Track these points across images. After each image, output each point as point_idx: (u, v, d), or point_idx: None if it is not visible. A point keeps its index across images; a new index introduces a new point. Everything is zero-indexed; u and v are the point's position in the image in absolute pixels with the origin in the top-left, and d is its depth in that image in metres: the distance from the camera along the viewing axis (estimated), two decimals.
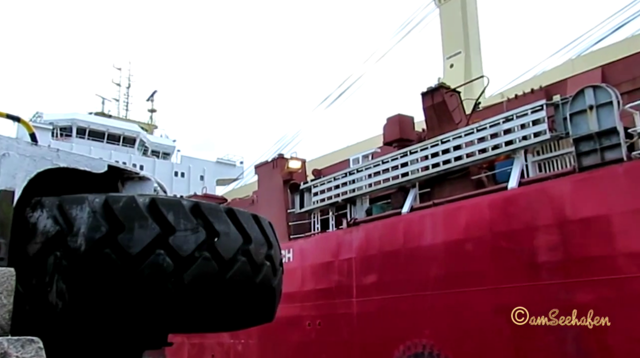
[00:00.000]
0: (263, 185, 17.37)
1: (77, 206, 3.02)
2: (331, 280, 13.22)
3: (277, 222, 15.72)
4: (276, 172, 16.52)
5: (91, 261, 2.88)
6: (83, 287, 2.89)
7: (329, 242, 13.88)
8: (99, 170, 3.66)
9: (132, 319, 3.01)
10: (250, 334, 14.94)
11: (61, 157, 3.44)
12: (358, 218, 13.41)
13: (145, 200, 3.05)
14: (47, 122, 31.83)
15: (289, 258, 14.50)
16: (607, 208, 8.47)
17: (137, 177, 4.05)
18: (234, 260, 3.24)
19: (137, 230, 2.93)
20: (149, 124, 40.88)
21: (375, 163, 13.34)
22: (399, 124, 13.92)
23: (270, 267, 3.62)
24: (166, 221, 3.01)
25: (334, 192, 14.26)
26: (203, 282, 3.06)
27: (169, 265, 2.94)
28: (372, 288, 12.11)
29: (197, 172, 36.93)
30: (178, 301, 3.01)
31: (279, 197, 16.17)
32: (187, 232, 3.05)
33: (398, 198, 12.74)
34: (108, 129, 34.81)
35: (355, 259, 12.72)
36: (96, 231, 2.91)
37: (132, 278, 2.91)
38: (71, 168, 3.49)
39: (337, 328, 12.76)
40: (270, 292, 3.66)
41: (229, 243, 3.22)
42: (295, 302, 13.75)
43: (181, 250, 2.99)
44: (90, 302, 2.91)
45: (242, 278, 3.28)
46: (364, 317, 12.17)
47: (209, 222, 3.17)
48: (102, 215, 2.95)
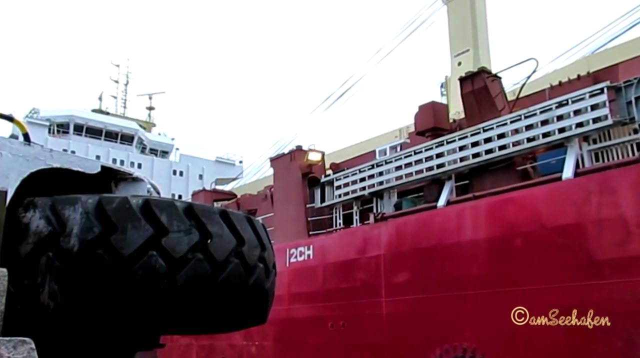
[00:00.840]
0: (279, 179, 16.35)
1: (70, 207, 3.02)
2: (356, 279, 12.39)
3: (296, 217, 14.98)
4: (294, 164, 15.52)
5: (84, 262, 2.88)
6: (75, 288, 2.89)
7: (354, 238, 13.05)
8: (93, 170, 3.68)
9: (124, 320, 3.02)
10: (265, 335, 14.27)
11: (54, 157, 3.46)
12: (386, 213, 12.51)
13: (138, 201, 3.05)
14: (44, 118, 30.92)
15: (308, 256, 13.77)
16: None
17: (130, 177, 4.03)
18: (227, 262, 3.24)
19: (130, 231, 2.93)
20: (147, 121, 40.09)
21: (406, 153, 12.47)
22: (433, 112, 13.04)
23: (264, 269, 3.63)
24: (159, 222, 3.01)
25: (359, 185, 13.42)
26: (196, 283, 3.07)
27: (162, 267, 2.95)
28: (404, 287, 11.33)
29: (196, 171, 36.13)
30: (170, 302, 3.02)
31: (297, 191, 15.25)
32: (180, 234, 3.06)
33: (432, 191, 11.97)
34: (106, 126, 33.97)
35: (384, 256, 11.88)
36: (89, 232, 2.91)
37: (125, 279, 2.91)
38: (64, 168, 3.49)
39: (363, 329, 11.97)
40: (263, 294, 3.69)
41: (222, 245, 3.24)
42: (316, 302, 13.11)
43: (174, 251, 2.99)
44: (83, 303, 2.91)
45: (235, 280, 3.30)
46: (395, 317, 11.40)
47: (202, 224, 3.18)
48: (95, 216, 2.96)
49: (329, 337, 12.64)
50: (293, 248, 14.22)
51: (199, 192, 20.85)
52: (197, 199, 19.88)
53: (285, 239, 14.62)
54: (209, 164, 37.04)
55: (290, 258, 14.20)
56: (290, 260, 14.18)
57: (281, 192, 16.05)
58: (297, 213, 14.86)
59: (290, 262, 14.18)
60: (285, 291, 13.73)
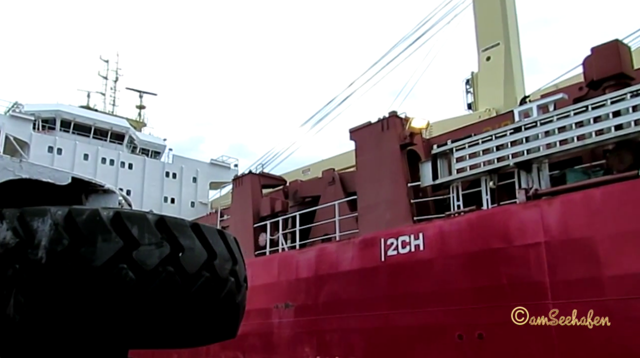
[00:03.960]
0: (365, 153, 13.41)
1: (39, 218, 3.00)
2: (499, 275, 9.71)
3: (393, 199, 12.34)
4: (389, 135, 12.64)
5: (52, 274, 2.86)
6: (42, 301, 2.87)
7: (492, 221, 10.25)
8: (63, 182, 3.66)
9: (92, 334, 2.98)
10: (350, 348, 11.76)
11: (24, 168, 3.47)
12: (540, 189, 9.96)
13: (109, 213, 3.06)
14: (29, 112, 28.61)
15: (417, 246, 10.95)
16: None
17: (101, 189, 4.03)
18: (198, 275, 3.25)
19: (100, 243, 2.93)
20: (137, 121, 37.79)
21: (577, 109, 9.64)
22: (618, 54, 9.91)
23: (235, 283, 3.64)
24: (130, 235, 3.02)
25: (495, 154, 10.61)
26: (166, 296, 3.08)
27: (132, 280, 2.94)
28: (589, 287, 8.62)
29: (189, 173, 34.35)
30: (140, 316, 3.01)
31: (394, 167, 12.43)
32: (152, 246, 3.06)
33: (622, 158, 9.24)
34: (95, 123, 32.23)
35: (547, 244, 9.24)
36: (58, 244, 2.91)
37: (94, 292, 2.88)
38: (34, 179, 3.50)
39: (516, 344, 9.26)
40: (234, 308, 3.68)
41: (193, 258, 3.24)
42: (431, 305, 10.46)
43: (145, 264, 3.00)
44: (50, 316, 2.88)
45: (205, 294, 3.30)
46: (574, 333, 8.50)
47: (174, 237, 3.19)
48: (65, 228, 2.95)
49: (459, 351, 9.98)
50: (392, 238, 11.47)
51: (243, 175, 18.40)
52: (243, 183, 17.75)
53: (376, 227, 12.07)
54: (203, 167, 35.25)
55: (388, 250, 11.45)
56: (388, 253, 11.43)
57: (369, 169, 13.14)
58: (395, 194, 12.10)
59: (388, 255, 11.42)
60: (381, 292, 11.39)
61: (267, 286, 14.02)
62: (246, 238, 15.82)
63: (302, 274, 13.44)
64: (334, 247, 13.10)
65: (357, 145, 13.78)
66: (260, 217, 16.56)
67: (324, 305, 12.58)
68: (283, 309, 13.52)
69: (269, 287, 14.04)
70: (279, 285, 14.00)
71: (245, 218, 16.85)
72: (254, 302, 14.33)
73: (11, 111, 29.04)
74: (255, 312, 13.23)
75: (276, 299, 13.78)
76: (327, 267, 12.83)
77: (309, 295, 13.04)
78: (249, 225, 16.57)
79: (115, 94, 38.57)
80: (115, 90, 38.56)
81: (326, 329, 12.29)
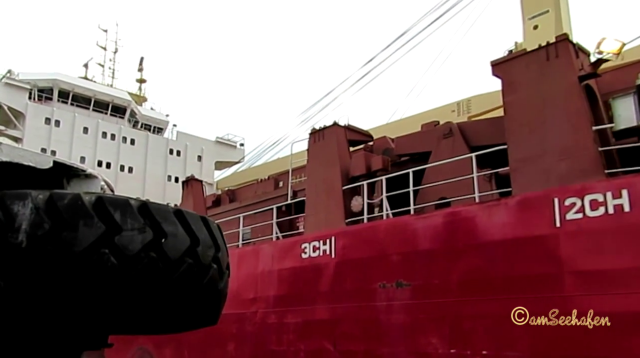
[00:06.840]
0: (519, 91, 10.47)
1: (20, 202, 2.92)
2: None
3: (573, 146, 9.43)
4: (560, 64, 9.78)
5: (32, 258, 2.82)
6: (22, 285, 2.84)
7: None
8: (44, 166, 3.55)
9: (72, 318, 2.98)
10: (511, 342, 8.90)
11: (4, 151, 3.32)
12: None
13: (91, 198, 3.02)
14: (25, 81, 26.51)
15: (617, 207, 8.14)
16: None
17: (83, 174, 3.90)
18: (180, 262, 3.21)
19: (81, 228, 2.89)
20: (138, 95, 35.75)
21: None
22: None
23: (217, 270, 3.61)
24: (112, 220, 2.99)
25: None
26: (148, 282, 3.05)
27: (114, 265, 2.91)
28: None
29: (194, 151, 32.83)
30: (121, 301, 3.00)
31: (571, 105, 9.60)
32: (134, 232, 3.02)
33: None
34: (95, 95, 30.50)
35: None
36: (38, 228, 2.86)
37: (75, 277, 2.85)
38: (15, 163, 3.37)
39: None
40: (216, 295, 3.67)
41: (176, 245, 3.20)
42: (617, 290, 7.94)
43: (127, 249, 2.97)
44: (29, 300, 2.85)
45: (188, 280, 3.28)
46: None
47: (157, 223, 3.15)
48: (46, 212, 2.90)
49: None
50: (574, 196, 8.73)
51: (324, 128, 14.31)
52: (324, 137, 14.05)
53: (541, 184, 9.46)
54: (208, 144, 33.67)
55: (567, 213, 8.75)
56: (567, 217, 8.73)
57: (527, 111, 10.22)
58: (575, 140, 9.33)
59: (567, 219, 8.72)
60: (561, 268, 8.68)
61: (366, 260, 11.45)
62: (333, 203, 13.00)
63: (423, 245, 10.67)
64: (474, 210, 10.20)
65: (504, 82, 10.82)
66: (351, 177, 13.32)
67: (460, 285, 9.88)
68: (394, 289, 10.80)
69: (369, 261, 11.43)
70: (385, 259, 11.19)
71: (330, 179, 13.46)
72: (347, 280, 11.94)
73: (4, 79, 26.78)
74: (349, 293, 11.44)
75: (381, 277, 11.04)
76: (466, 237, 10.09)
77: (436, 272, 10.32)
78: (336, 187, 13.19)
79: (115, 66, 36.39)
80: (115, 62, 36.38)
81: (465, 315, 9.67)
